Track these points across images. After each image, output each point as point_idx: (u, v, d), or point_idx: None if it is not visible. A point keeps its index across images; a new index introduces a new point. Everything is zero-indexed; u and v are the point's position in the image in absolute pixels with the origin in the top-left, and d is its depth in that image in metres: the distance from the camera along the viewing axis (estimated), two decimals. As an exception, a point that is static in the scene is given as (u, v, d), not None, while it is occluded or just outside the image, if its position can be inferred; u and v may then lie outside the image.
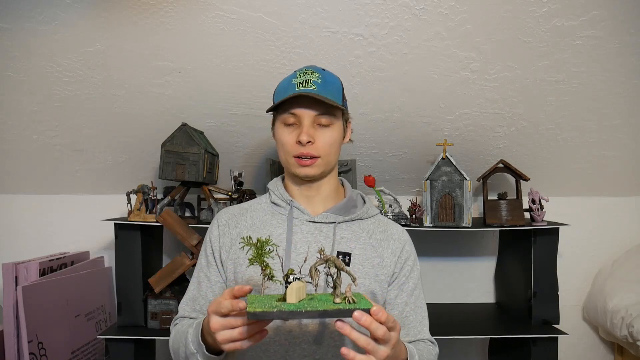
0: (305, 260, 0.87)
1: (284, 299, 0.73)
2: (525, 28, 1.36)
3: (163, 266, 1.54)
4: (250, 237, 0.76)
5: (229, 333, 0.73)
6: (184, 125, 1.54)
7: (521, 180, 1.66)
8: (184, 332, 0.90)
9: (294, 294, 0.72)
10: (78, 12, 1.29)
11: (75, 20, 1.31)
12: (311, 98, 0.93)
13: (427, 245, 1.95)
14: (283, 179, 1.08)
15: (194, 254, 1.49)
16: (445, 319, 1.67)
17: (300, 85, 0.93)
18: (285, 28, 1.35)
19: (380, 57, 1.43)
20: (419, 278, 1.03)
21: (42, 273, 1.54)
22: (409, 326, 0.98)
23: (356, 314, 0.69)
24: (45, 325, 1.47)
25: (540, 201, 1.63)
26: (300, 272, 0.77)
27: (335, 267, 0.75)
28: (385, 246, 1.01)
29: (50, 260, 1.60)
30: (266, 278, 0.76)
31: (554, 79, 1.51)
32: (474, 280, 2.01)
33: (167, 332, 1.52)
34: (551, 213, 1.80)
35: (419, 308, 1.00)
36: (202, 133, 1.65)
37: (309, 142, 0.94)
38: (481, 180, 1.67)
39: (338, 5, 1.29)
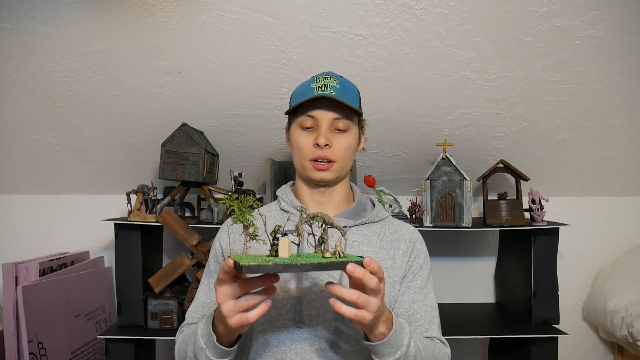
0: (287, 219, 0.88)
1: (271, 255, 0.73)
2: (525, 28, 1.36)
3: (163, 266, 1.54)
4: (232, 194, 0.75)
5: (233, 304, 0.72)
6: (184, 125, 1.54)
7: (521, 180, 1.66)
8: (193, 331, 0.87)
9: (286, 249, 0.71)
10: (78, 12, 1.29)
11: (75, 20, 1.31)
12: (330, 101, 0.94)
13: (427, 245, 1.94)
14: (291, 186, 1.09)
15: (194, 254, 1.49)
16: (445, 319, 1.66)
17: (320, 90, 0.94)
18: (285, 28, 1.35)
19: (380, 57, 1.43)
20: (429, 277, 1.02)
21: (42, 273, 1.54)
22: (415, 323, 0.95)
23: (349, 267, 0.69)
24: (45, 325, 1.47)
25: (540, 201, 1.63)
26: (283, 229, 0.76)
27: (324, 222, 0.76)
28: (396, 247, 1.00)
29: (50, 260, 1.60)
30: (248, 238, 0.75)
31: (554, 79, 1.51)
32: (474, 280, 2.01)
33: (167, 332, 1.53)
34: (551, 213, 1.80)
35: (427, 306, 0.98)
36: (202, 133, 1.65)
37: (326, 145, 0.94)
38: (481, 180, 1.67)
39: (338, 5, 1.29)
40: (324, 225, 0.76)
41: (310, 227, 0.77)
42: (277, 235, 0.74)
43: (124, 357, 1.51)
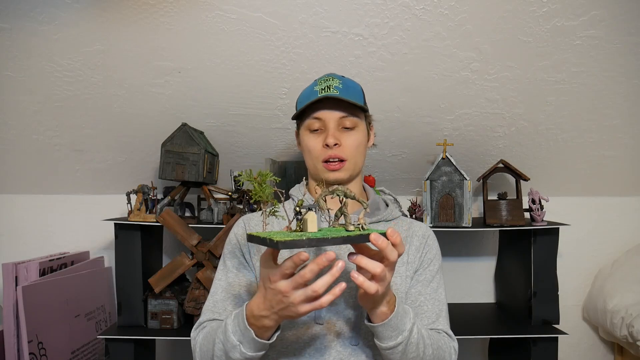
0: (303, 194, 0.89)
1: (296, 231, 0.73)
2: (525, 28, 1.36)
3: (163, 266, 1.54)
4: (251, 171, 0.74)
5: (302, 293, 0.70)
6: (184, 125, 1.54)
7: (521, 180, 1.66)
8: (221, 329, 0.84)
9: (315, 223, 0.72)
10: (78, 12, 1.29)
11: (75, 20, 1.31)
12: (335, 101, 0.95)
13: (427, 245, 1.95)
14: (305, 185, 1.09)
15: (194, 254, 1.49)
16: (445, 319, 1.67)
17: (323, 91, 0.96)
18: (285, 28, 1.35)
19: (380, 57, 1.43)
20: (438, 272, 1.02)
21: (42, 273, 1.55)
22: (422, 315, 0.96)
23: (373, 235, 0.70)
24: (45, 325, 1.47)
25: (540, 201, 1.63)
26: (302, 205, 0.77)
27: (345, 195, 0.76)
28: (410, 243, 1.02)
29: (50, 260, 1.60)
30: (268, 214, 0.75)
31: (554, 79, 1.51)
32: (474, 280, 2.00)
33: (167, 332, 1.53)
34: (551, 213, 1.80)
35: (435, 300, 0.98)
36: (202, 133, 1.65)
37: (335, 144, 0.95)
38: (481, 180, 1.67)
39: (338, 5, 1.29)
40: (344, 199, 0.77)
41: (325, 202, 0.78)
42: (302, 210, 0.74)
43: (124, 357, 1.51)
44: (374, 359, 0.92)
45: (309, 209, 0.74)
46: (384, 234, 0.71)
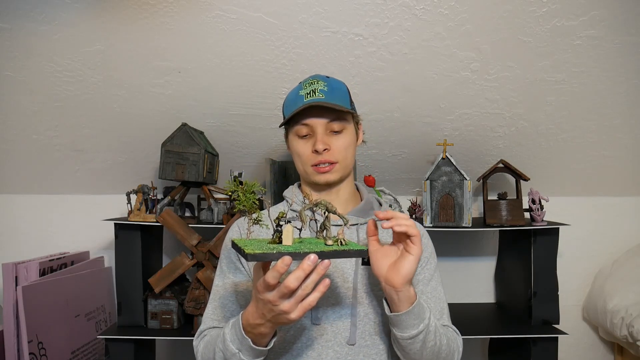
0: (291, 205, 0.90)
1: (274, 242, 0.74)
2: (525, 28, 1.36)
3: (163, 266, 1.54)
4: (235, 177, 0.76)
5: (290, 300, 0.71)
6: (184, 125, 1.54)
7: (521, 180, 1.66)
8: (220, 337, 0.85)
9: (290, 236, 0.73)
10: (78, 12, 1.29)
11: (75, 20, 1.31)
12: (321, 106, 0.94)
13: (427, 245, 1.95)
14: (298, 186, 1.09)
15: (194, 254, 1.49)
16: (445, 319, 1.67)
17: (308, 96, 0.95)
18: (285, 28, 1.35)
19: (380, 57, 1.43)
20: (436, 270, 1.03)
21: (42, 273, 1.55)
22: None
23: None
24: (45, 325, 1.47)
25: (540, 201, 1.63)
26: (286, 216, 0.78)
27: (327, 209, 0.76)
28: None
29: (50, 260, 1.60)
30: (252, 222, 0.76)
31: (554, 79, 1.51)
32: (474, 280, 2.00)
33: (167, 332, 1.53)
34: (551, 213, 1.80)
35: (437, 298, 0.99)
36: (202, 133, 1.65)
37: (325, 149, 0.95)
38: (481, 180, 1.67)
39: (338, 5, 1.29)
40: (326, 213, 0.77)
41: (313, 213, 0.78)
42: (281, 223, 0.74)
43: (124, 357, 1.51)
44: (370, 359, 0.92)
45: (289, 221, 0.74)
46: (365, 251, 0.74)
